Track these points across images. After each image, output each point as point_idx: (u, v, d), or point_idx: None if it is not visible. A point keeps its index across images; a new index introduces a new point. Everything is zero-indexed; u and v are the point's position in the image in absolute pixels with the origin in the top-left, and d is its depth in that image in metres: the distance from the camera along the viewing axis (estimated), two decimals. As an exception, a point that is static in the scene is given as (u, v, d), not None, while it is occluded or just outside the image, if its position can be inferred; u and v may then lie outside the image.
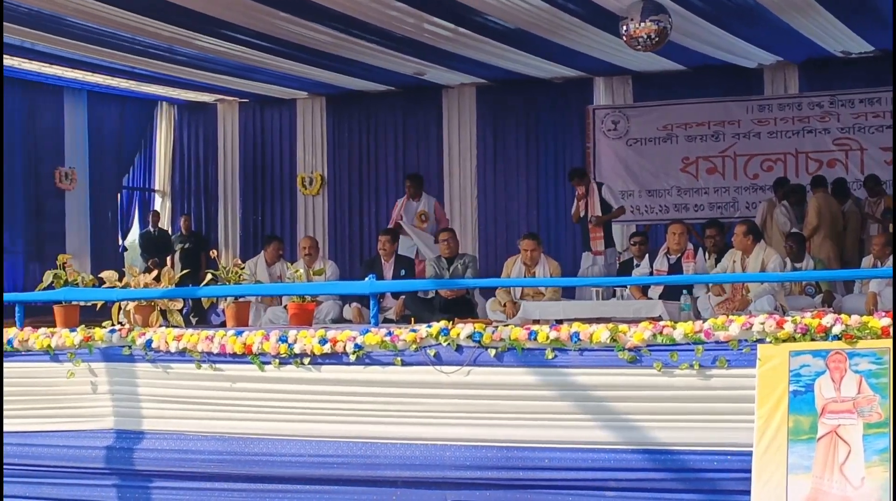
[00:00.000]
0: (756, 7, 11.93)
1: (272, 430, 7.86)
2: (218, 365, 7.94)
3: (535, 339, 7.28)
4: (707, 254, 12.18)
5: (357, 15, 12.30)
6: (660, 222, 15.67)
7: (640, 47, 11.18)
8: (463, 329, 7.43)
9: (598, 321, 7.99)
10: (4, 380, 8.41)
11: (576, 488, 7.22)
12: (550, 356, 7.25)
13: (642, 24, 10.87)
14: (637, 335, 7.11)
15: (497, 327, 7.57)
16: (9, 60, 15.12)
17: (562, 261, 12.96)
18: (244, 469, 7.87)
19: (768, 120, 15.70)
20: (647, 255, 12.44)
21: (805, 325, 6.84)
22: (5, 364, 8.40)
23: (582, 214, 14.55)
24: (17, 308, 8.89)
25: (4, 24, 12.54)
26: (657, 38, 10.98)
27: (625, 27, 11.03)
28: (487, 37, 13.44)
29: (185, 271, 12.88)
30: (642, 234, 13.72)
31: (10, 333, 8.45)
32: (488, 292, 12.69)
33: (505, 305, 11.91)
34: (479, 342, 7.37)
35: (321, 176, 18.11)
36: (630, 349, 7.09)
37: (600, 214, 14.38)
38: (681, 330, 7.06)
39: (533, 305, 11.28)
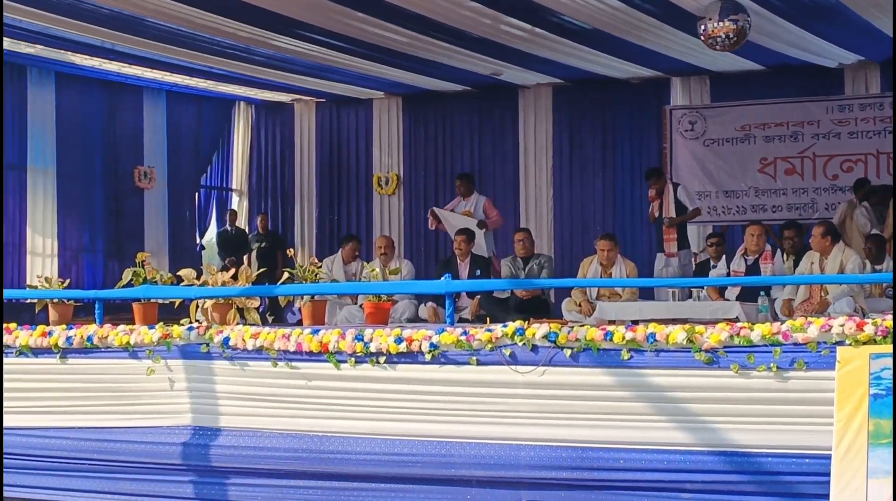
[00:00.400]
0: (836, 5, 11.78)
1: (347, 428, 7.89)
2: (294, 363, 7.99)
3: (611, 339, 7.26)
4: (785, 255, 12.07)
5: (433, 15, 12.31)
6: (737, 223, 15.53)
7: (718, 47, 11.10)
8: (538, 329, 7.42)
9: (675, 322, 7.94)
10: (86, 375, 8.55)
11: (651, 489, 7.18)
12: (626, 357, 7.22)
13: (720, 24, 10.79)
14: (714, 336, 7.06)
15: (573, 327, 7.55)
16: (89, 61, 15.34)
17: (638, 262, 12.92)
18: (319, 467, 7.91)
19: (849, 120, 15.50)
20: (723, 256, 12.36)
21: (886, 327, 6.76)
22: (87, 361, 8.52)
23: (657, 215, 14.45)
24: (97, 305, 8.99)
25: (85, 24, 12.72)
26: (735, 38, 10.89)
27: (703, 27, 10.95)
28: (564, 37, 13.40)
29: (261, 270, 12.98)
30: (719, 235, 13.63)
31: (90, 329, 8.56)
32: (564, 293, 12.68)
33: (581, 305, 11.88)
34: (554, 342, 7.36)
35: (397, 176, 18.15)
36: (707, 351, 7.05)
37: (674, 215, 14.27)
38: (758, 332, 7.00)
39: (609, 305, 11.25)
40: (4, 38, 13.80)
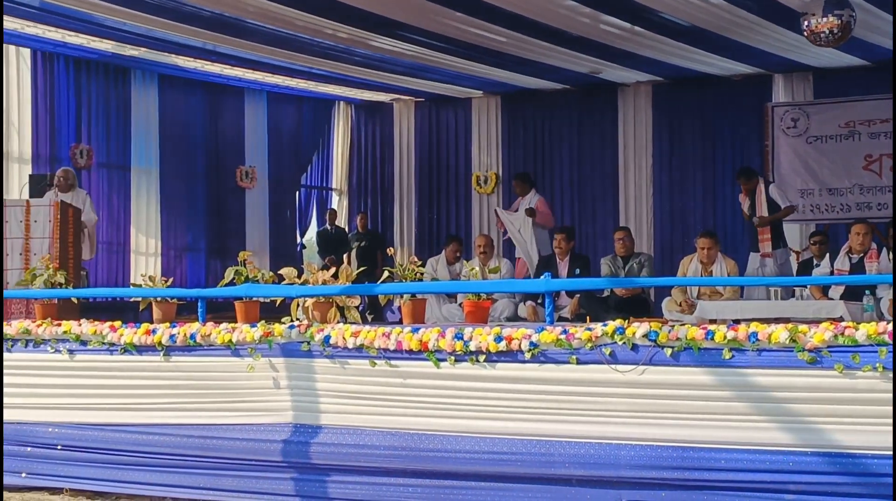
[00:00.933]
0: (944, -2, 11.58)
1: (447, 426, 7.89)
2: (394, 361, 8.02)
3: (713, 339, 7.19)
4: (891, 254, 11.88)
5: (531, 15, 12.31)
6: (841, 221, 15.32)
7: (821, 43, 10.95)
8: (638, 328, 7.38)
9: (777, 321, 7.86)
10: (189, 373, 8.66)
11: (753, 490, 7.10)
12: (728, 356, 7.15)
13: (824, 19, 10.66)
14: (818, 335, 6.97)
15: (673, 326, 7.49)
16: (192, 63, 15.54)
17: (738, 260, 12.80)
18: (419, 465, 7.92)
19: (956, 115, 15.20)
20: (827, 254, 12.19)
21: None
22: (190, 358, 8.63)
23: (749, 213, 14.29)
24: (199, 304, 9.08)
25: (187, 26, 12.89)
26: (840, 34, 10.75)
27: (806, 23, 10.82)
28: (664, 35, 13.32)
29: (361, 269, 13.06)
30: (822, 233, 13.45)
31: (193, 328, 8.65)
32: (664, 292, 12.60)
33: (681, 304, 11.80)
34: (654, 341, 7.31)
35: (496, 175, 18.18)
36: (810, 350, 6.95)
37: (766, 214, 14.08)
38: (864, 331, 6.89)
39: (710, 304, 11.15)
40: (109, 42, 14.06)
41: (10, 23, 13.08)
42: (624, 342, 7.38)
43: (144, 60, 15.47)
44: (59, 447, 9.04)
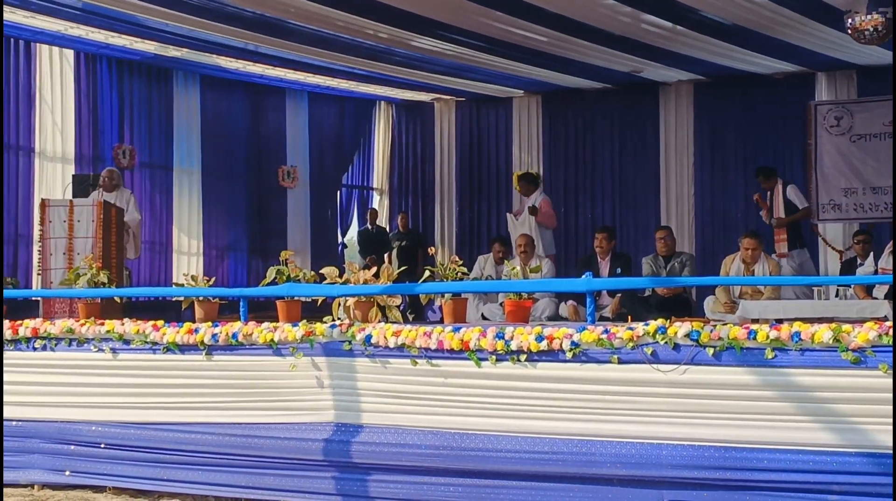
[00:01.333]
0: None
1: (488, 425, 7.89)
2: (435, 361, 8.02)
3: (755, 338, 7.15)
4: (894, 255, 11.78)
5: (572, 14, 12.29)
6: (885, 220, 15.18)
7: (865, 40, 10.88)
8: (680, 328, 7.35)
9: (820, 320, 7.80)
10: (231, 372, 8.69)
11: (795, 490, 7.06)
12: (770, 356, 7.11)
13: (868, 17, 10.59)
14: (862, 335, 6.92)
15: (715, 325, 7.46)
16: (234, 63, 15.60)
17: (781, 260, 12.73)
18: (460, 464, 7.92)
19: None
20: (871, 253, 12.10)
21: None
22: (232, 358, 8.66)
23: (769, 216, 14.19)
24: (241, 303, 9.12)
25: (229, 27, 12.94)
26: (884, 31, 10.67)
27: (850, 20, 10.75)
28: (705, 34, 13.26)
29: (402, 268, 13.09)
30: (866, 232, 13.35)
31: (235, 327, 8.69)
32: (706, 291, 12.55)
33: (723, 303, 11.75)
34: (696, 340, 7.28)
35: (537, 174, 18.13)
36: (854, 350, 6.90)
37: (784, 215, 13.99)
38: (908, 331, 6.85)
39: (752, 304, 11.09)
40: (152, 42, 14.14)
41: (53, 24, 13.20)
42: (666, 342, 7.35)
43: (186, 61, 15.54)
44: (102, 445, 9.10)
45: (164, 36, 13.74)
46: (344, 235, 19.34)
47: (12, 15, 12.60)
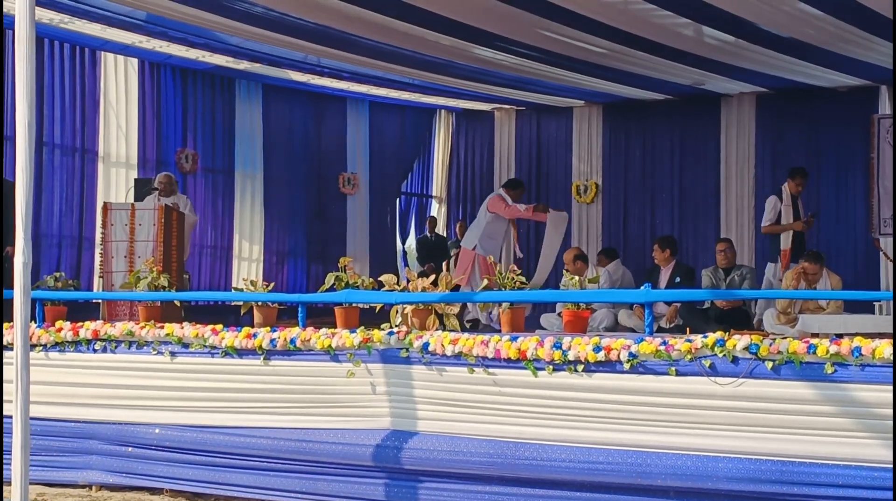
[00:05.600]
0: None
1: (543, 435, 7.87)
2: (491, 369, 8.00)
3: (815, 353, 7.09)
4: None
5: (633, 29, 12.21)
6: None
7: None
8: (739, 341, 7.30)
9: (881, 336, 7.71)
10: (289, 377, 8.71)
11: (854, 507, 6.99)
12: (830, 371, 7.04)
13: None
14: (923, 351, 6.83)
15: (775, 339, 7.39)
16: (297, 75, 15.68)
17: (843, 274, 12.58)
18: (514, 473, 7.90)
19: None
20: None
21: None
22: (290, 363, 8.68)
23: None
24: (300, 309, 9.14)
25: (293, 39, 12.97)
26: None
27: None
28: (768, 47, 13.14)
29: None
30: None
31: (293, 332, 8.70)
32: (766, 305, 12.43)
33: (783, 317, 11.63)
34: (755, 354, 7.22)
35: (596, 184, 18.07)
36: (916, 366, 6.82)
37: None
38: (972, 347, 6.75)
39: (812, 318, 10.97)
40: (217, 56, 14.23)
41: (121, 38, 13.35)
42: (724, 355, 7.30)
43: (248, 72, 15.65)
44: (128, 449, 9.18)
45: (228, 48, 13.85)
46: (403, 242, 19.35)
47: (83, 26, 12.77)
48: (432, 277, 9.21)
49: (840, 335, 8.37)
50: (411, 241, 19.45)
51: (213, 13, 11.85)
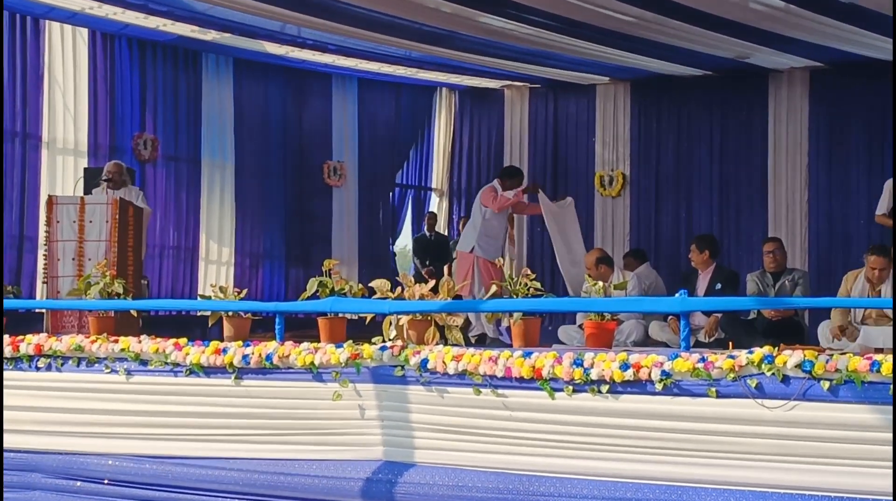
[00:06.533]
0: None
1: (562, 467, 7.87)
2: (501, 391, 8.00)
3: (879, 371, 7.08)
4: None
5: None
6: None
7: None
8: (790, 357, 7.29)
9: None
10: (264, 399, 8.71)
11: (924, 550, 6.99)
12: (897, 392, 7.05)
13: None
14: None
15: (832, 355, 7.39)
16: (277, 49, 15.69)
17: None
18: (528, 511, 7.92)
19: None
20: None
21: None
22: (265, 383, 8.68)
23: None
24: (277, 319, 9.15)
25: (273, 8, 12.98)
26: None
27: None
28: (824, 14, 13.15)
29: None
30: None
31: (269, 347, 8.71)
32: (821, 314, 12.42)
33: (842, 329, 11.62)
34: (809, 372, 7.21)
35: (623, 174, 18.09)
36: None
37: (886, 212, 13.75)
38: None
39: (877, 330, 10.99)
40: (180, 25, 14.25)
41: (68, 4, 13.35)
42: (773, 373, 7.30)
43: (218, 44, 15.65)
44: (105, 481, 9.15)
45: (192, 16, 13.87)
46: (394, 242, 19.37)
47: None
48: (431, 282, 9.22)
49: (909, 350, 8.38)
50: (407, 240, 19.47)
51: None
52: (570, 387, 7.77)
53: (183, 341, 9.03)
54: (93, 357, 9.22)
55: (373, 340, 8.68)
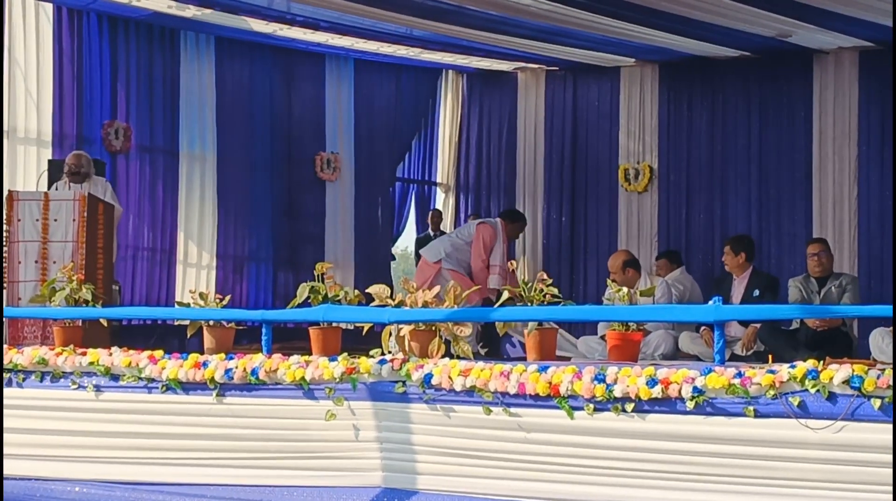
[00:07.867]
0: None
1: (580, 494, 7.88)
2: (514, 409, 8.01)
3: (937, 387, 7.10)
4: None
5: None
6: None
7: None
8: (838, 371, 7.30)
9: None
10: (249, 419, 8.72)
11: None
12: (957, 411, 7.06)
13: None
14: None
15: (884, 369, 7.39)
16: (263, 26, 15.70)
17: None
18: (544, 544, 7.94)
19: None
20: None
21: None
22: (251, 400, 8.69)
23: None
24: (263, 329, 9.17)
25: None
26: None
27: None
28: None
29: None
30: None
31: (255, 360, 8.72)
32: (871, 324, 12.42)
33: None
34: (858, 388, 7.22)
35: (650, 167, 18.10)
36: None
37: None
38: None
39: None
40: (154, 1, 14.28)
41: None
42: (818, 390, 7.30)
43: (198, 21, 15.66)
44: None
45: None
46: (394, 242, 19.40)
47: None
48: (436, 288, 9.22)
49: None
50: (409, 241, 19.49)
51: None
52: (591, 406, 7.79)
53: (159, 353, 9.04)
54: (58, 372, 9.24)
55: (370, 352, 8.70)
